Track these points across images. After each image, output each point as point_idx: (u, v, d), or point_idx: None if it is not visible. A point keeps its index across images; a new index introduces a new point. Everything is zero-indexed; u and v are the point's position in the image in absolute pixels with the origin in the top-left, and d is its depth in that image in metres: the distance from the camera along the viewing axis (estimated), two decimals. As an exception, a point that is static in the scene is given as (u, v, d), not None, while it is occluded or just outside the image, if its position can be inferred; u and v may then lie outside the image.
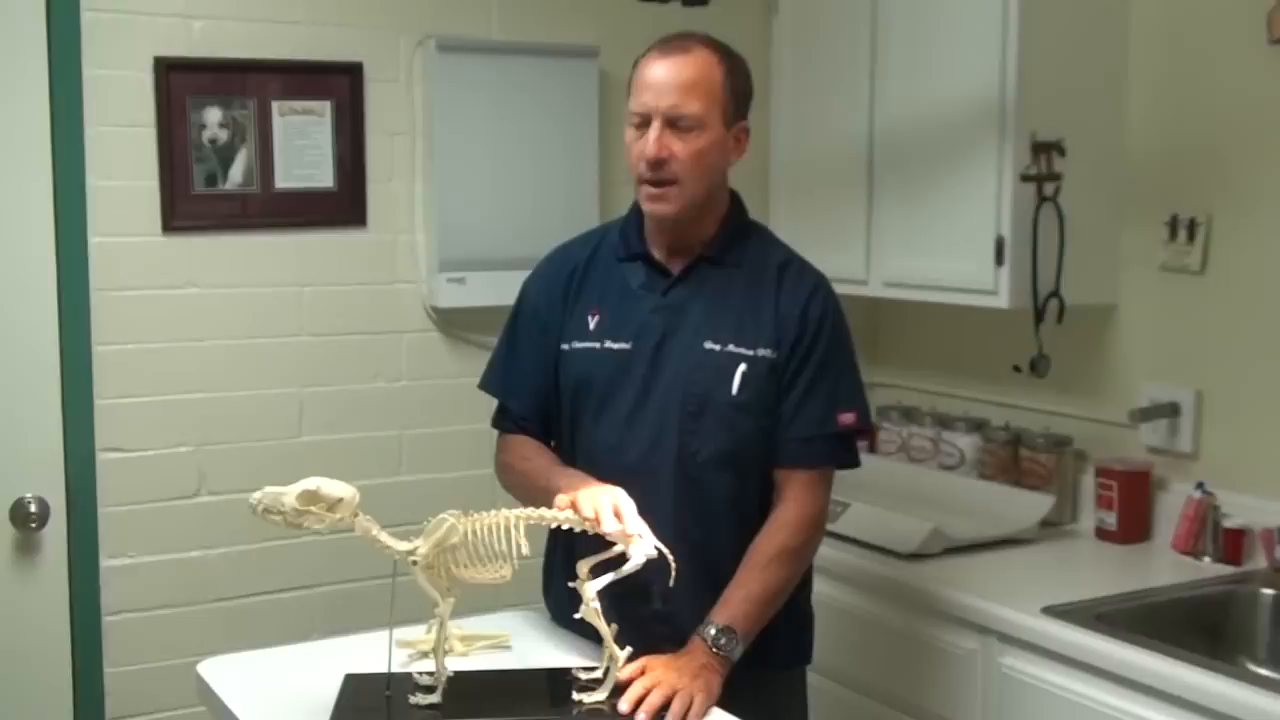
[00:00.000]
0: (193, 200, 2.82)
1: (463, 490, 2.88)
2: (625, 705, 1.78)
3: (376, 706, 1.79)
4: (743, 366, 2.03)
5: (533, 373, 2.16)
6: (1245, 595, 2.49)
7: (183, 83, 2.79)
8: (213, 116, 2.83)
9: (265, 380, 2.92)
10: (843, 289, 2.25)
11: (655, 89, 1.99)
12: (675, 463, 2.03)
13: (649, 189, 2.03)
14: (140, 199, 2.78)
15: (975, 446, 3.14)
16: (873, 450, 3.36)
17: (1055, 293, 2.75)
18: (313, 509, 1.70)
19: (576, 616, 1.82)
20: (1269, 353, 2.60)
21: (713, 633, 1.93)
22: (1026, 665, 2.33)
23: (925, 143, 2.92)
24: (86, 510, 2.75)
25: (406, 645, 1.98)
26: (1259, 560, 2.58)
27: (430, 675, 1.83)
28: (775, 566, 2.01)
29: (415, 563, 1.77)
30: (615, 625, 1.82)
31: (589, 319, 2.11)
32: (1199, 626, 2.40)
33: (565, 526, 1.82)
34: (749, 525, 2.05)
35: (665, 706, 1.79)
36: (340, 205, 2.98)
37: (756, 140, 2.38)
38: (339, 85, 2.95)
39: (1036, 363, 2.80)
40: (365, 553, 1.82)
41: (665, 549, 1.81)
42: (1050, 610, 2.33)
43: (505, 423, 2.20)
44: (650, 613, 2.00)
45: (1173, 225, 2.75)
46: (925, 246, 2.94)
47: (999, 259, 2.75)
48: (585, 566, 1.80)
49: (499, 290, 2.68)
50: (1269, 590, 2.47)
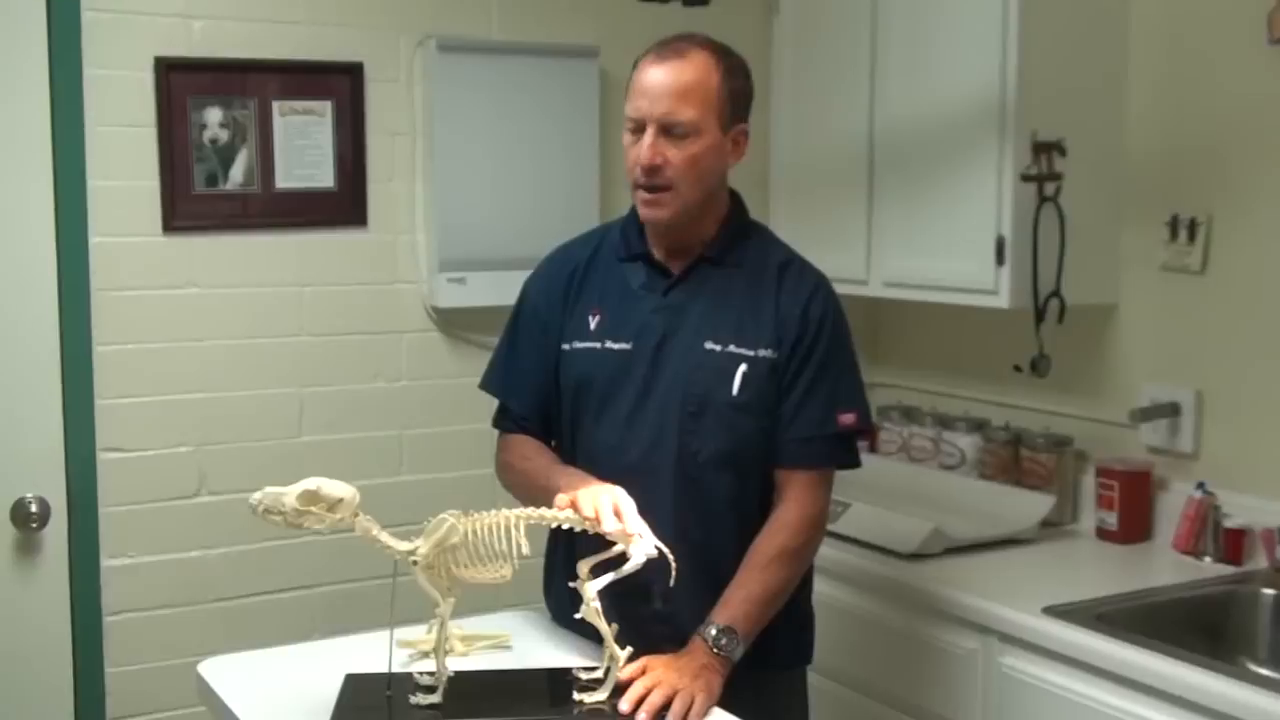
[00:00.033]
0: (193, 200, 2.82)
1: (463, 490, 2.87)
2: (626, 705, 1.78)
3: (377, 706, 1.79)
4: (743, 367, 2.03)
5: (533, 372, 2.15)
6: (1246, 595, 2.49)
7: (183, 83, 2.79)
8: (213, 116, 2.83)
9: (265, 380, 2.92)
10: (843, 289, 2.25)
11: (650, 95, 1.98)
12: (675, 463, 2.03)
13: (644, 194, 2.03)
14: (141, 199, 2.78)
15: (976, 446, 3.14)
16: (873, 450, 3.36)
17: (1056, 293, 2.75)
18: (313, 509, 1.70)
19: (577, 616, 1.82)
20: (1269, 353, 2.60)
21: (713, 633, 1.93)
22: (1027, 665, 2.33)
23: (925, 143, 2.92)
24: (87, 510, 2.75)
25: (407, 645, 1.98)
26: (1259, 560, 2.58)
27: (431, 675, 1.82)
28: (776, 567, 2.00)
29: (415, 563, 1.77)
30: (616, 625, 1.81)
31: (589, 319, 2.11)
32: (1199, 626, 2.40)
33: (565, 526, 1.82)
34: (749, 525, 2.05)
35: (666, 706, 1.79)
36: (340, 205, 2.98)
37: (757, 140, 2.38)
38: (339, 85, 2.95)
39: (1037, 363, 2.80)
40: (365, 553, 1.82)
41: (665, 549, 1.81)
42: (1051, 610, 2.33)
43: (506, 422, 2.20)
44: (650, 613, 2.00)
45: (1173, 225, 2.75)
46: (925, 246, 2.94)
47: (999, 259, 2.75)
48: (585, 566, 1.80)
49: (499, 290, 2.69)
50: (1270, 590, 2.47)
